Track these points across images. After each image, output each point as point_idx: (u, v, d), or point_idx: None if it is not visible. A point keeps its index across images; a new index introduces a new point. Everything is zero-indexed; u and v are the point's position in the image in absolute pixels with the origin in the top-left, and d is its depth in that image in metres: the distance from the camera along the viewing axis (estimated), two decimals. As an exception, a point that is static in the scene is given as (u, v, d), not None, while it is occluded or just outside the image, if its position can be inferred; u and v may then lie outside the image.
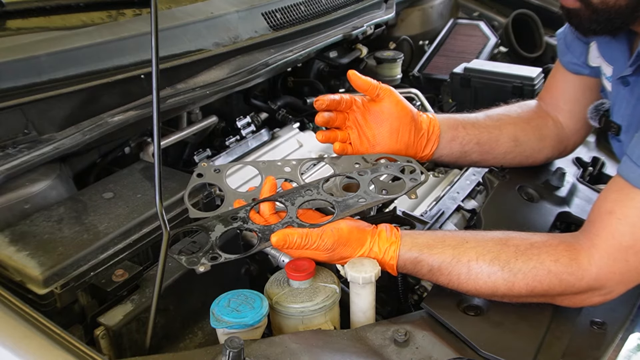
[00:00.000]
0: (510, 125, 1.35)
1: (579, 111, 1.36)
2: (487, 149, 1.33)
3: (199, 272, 0.92)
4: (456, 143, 1.30)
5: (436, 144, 1.28)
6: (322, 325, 0.98)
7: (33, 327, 0.78)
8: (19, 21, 1.21)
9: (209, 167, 1.19)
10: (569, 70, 1.35)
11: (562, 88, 1.38)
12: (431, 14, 2.43)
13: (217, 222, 1.02)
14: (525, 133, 1.35)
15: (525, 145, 1.36)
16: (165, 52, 1.32)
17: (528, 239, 1.01)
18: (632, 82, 1.11)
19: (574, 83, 1.36)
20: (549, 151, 1.40)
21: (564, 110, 1.38)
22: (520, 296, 0.99)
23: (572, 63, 1.34)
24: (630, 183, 0.95)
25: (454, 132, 1.29)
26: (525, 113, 1.39)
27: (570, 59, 1.34)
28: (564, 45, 1.35)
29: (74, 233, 1.01)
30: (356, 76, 1.20)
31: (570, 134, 1.40)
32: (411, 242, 1.02)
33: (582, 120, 1.36)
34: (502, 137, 1.33)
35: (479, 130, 1.31)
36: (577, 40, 1.30)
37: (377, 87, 1.20)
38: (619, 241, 0.95)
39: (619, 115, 1.19)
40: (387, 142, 1.22)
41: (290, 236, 0.98)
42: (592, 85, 1.34)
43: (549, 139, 1.38)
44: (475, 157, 1.33)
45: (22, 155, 1.05)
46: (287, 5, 1.67)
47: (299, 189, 1.10)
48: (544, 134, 1.37)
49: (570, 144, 1.42)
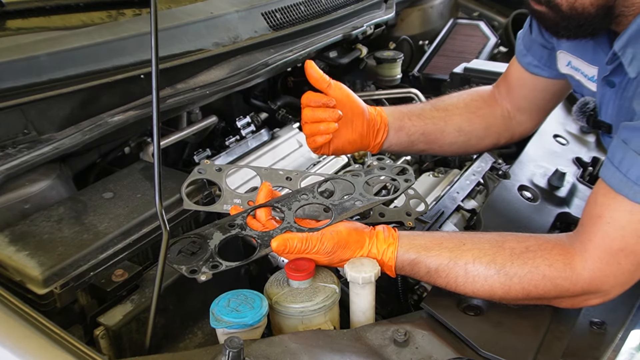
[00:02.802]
0: (456, 116, 1.40)
1: (529, 106, 1.43)
2: (432, 139, 1.38)
3: (201, 281, 0.92)
4: (403, 133, 1.36)
5: (385, 134, 1.34)
6: (322, 325, 0.98)
7: (33, 327, 0.78)
8: (19, 21, 1.21)
9: (211, 165, 1.20)
10: (529, 71, 1.38)
11: (518, 84, 1.43)
12: (431, 14, 2.43)
13: (215, 229, 1.02)
14: (471, 123, 1.41)
15: (470, 135, 1.41)
16: (165, 52, 1.32)
17: (524, 241, 1.01)
18: (617, 83, 1.11)
19: (530, 82, 1.40)
20: (494, 139, 1.45)
21: (516, 103, 1.44)
22: (517, 299, 0.99)
23: (532, 65, 1.37)
24: (613, 189, 0.95)
25: (400, 123, 1.35)
26: (474, 102, 1.44)
27: (530, 60, 1.37)
28: (522, 46, 1.39)
29: (74, 233, 1.01)
30: (312, 68, 1.24)
31: (518, 125, 1.46)
32: (409, 243, 1.02)
33: (532, 113, 1.44)
34: (448, 128, 1.39)
35: (424, 121, 1.37)
36: (537, 43, 1.34)
37: (329, 81, 1.25)
38: (609, 245, 0.95)
39: (607, 115, 1.18)
40: (343, 132, 1.27)
41: (290, 241, 0.98)
42: (548, 86, 1.39)
43: (495, 128, 1.44)
44: (422, 147, 1.40)
45: (22, 155, 1.05)
46: (287, 5, 1.67)
47: (294, 193, 1.11)
48: (490, 122, 1.43)
49: (517, 134, 1.48)
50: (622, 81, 1.09)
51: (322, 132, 1.23)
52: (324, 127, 1.22)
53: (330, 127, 1.22)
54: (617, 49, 1.04)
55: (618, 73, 1.09)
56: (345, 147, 1.29)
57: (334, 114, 1.23)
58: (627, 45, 1.02)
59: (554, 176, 1.41)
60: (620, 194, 0.94)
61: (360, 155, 1.74)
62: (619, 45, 1.03)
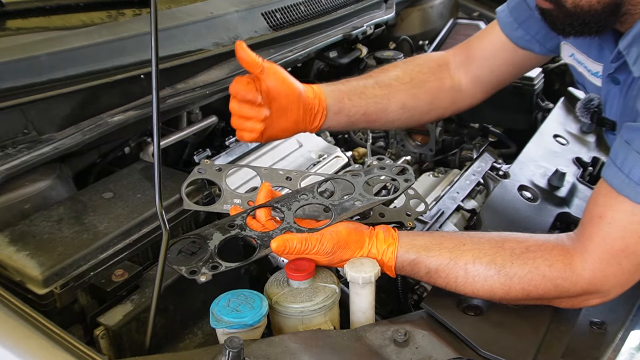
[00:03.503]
0: (400, 92, 1.35)
1: (490, 79, 1.40)
2: (374, 119, 1.34)
3: (200, 282, 0.92)
4: (342, 115, 1.30)
5: (323, 118, 1.27)
6: (321, 325, 0.98)
7: (33, 327, 0.78)
8: (19, 21, 1.21)
9: (211, 164, 1.20)
10: (518, 45, 1.35)
11: (488, 56, 1.39)
12: (431, 14, 2.43)
13: (215, 230, 1.02)
14: (416, 99, 1.37)
15: (414, 111, 1.37)
16: (165, 52, 1.32)
17: (524, 241, 1.01)
18: (622, 80, 1.11)
19: (507, 55, 1.37)
20: (440, 113, 1.44)
21: (475, 74, 1.41)
22: (517, 299, 0.99)
23: (524, 39, 1.35)
24: (614, 189, 0.95)
25: (340, 105, 1.29)
26: (420, 75, 1.39)
27: (521, 34, 1.34)
28: (512, 19, 1.35)
29: (74, 233, 1.01)
30: (242, 49, 1.13)
31: (468, 97, 1.43)
32: (409, 243, 1.02)
33: (487, 87, 1.42)
34: (390, 106, 1.34)
35: (365, 101, 1.31)
36: (536, 19, 1.26)
37: (261, 64, 1.15)
38: (610, 245, 0.95)
39: (611, 112, 1.18)
40: (276, 121, 1.19)
41: (290, 241, 0.98)
42: (525, 61, 1.37)
43: (441, 101, 1.41)
44: (363, 125, 1.36)
45: (22, 155, 1.05)
46: (287, 5, 1.67)
47: (294, 193, 1.10)
48: (436, 96, 1.39)
49: (464, 106, 1.46)
50: (626, 79, 1.09)
51: (247, 129, 1.17)
52: (249, 125, 1.16)
53: (256, 126, 1.16)
54: (622, 47, 1.04)
55: (622, 71, 1.09)
56: (278, 134, 1.23)
57: (259, 113, 1.15)
58: (632, 44, 1.02)
59: (554, 176, 1.41)
60: (622, 195, 0.94)
61: (360, 155, 1.74)
62: (624, 44, 1.03)
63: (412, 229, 1.17)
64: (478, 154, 1.56)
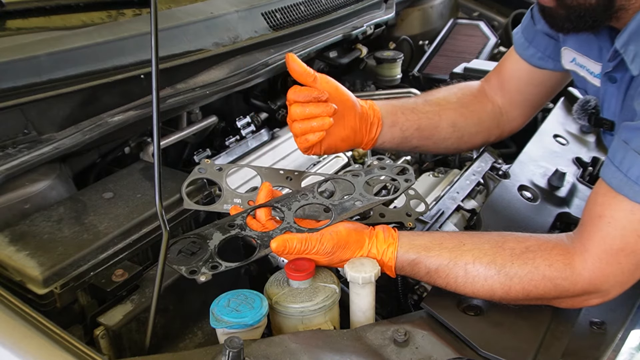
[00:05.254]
0: (449, 110, 1.37)
1: (523, 101, 1.41)
2: (427, 135, 1.34)
3: (200, 282, 0.92)
4: (397, 129, 1.30)
5: (380, 128, 1.27)
6: (321, 325, 0.98)
7: (33, 327, 0.78)
8: (19, 21, 1.21)
9: (212, 164, 1.20)
10: (532, 64, 1.37)
11: (513, 77, 1.41)
12: (431, 14, 2.43)
13: (215, 230, 1.02)
14: (464, 118, 1.38)
15: (463, 131, 1.38)
16: (165, 52, 1.32)
17: (524, 241, 1.01)
18: (619, 79, 1.11)
19: (528, 75, 1.38)
20: (486, 135, 1.43)
21: (509, 98, 1.42)
22: (517, 299, 0.99)
23: (536, 57, 1.36)
24: (613, 189, 0.95)
25: (394, 118, 1.30)
26: (465, 97, 1.41)
27: (532, 52, 1.36)
28: (523, 39, 1.37)
29: (74, 233, 1.01)
30: (294, 60, 1.14)
31: (508, 120, 1.44)
32: (409, 243, 1.02)
33: (525, 109, 1.42)
34: (442, 123, 1.35)
35: (417, 116, 1.32)
36: (541, 34, 1.32)
37: (313, 74, 1.15)
38: (610, 245, 0.95)
39: (609, 112, 1.18)
40: (334, 129, 1.17)
41: (290, 242, 0.98)
42: (546, 79, 1.38)
43: (486, 123, 1.41)
44: (415, 143, 1.34)
45: (22, 155, 1.05)
46: (287, 5, 1.67)
47: (294, 193, 1.10)
48: (481, 118, 1.40)
49: (507, 130, 1.46)
50: (624, 77, 1.09)
51: (315, 129, 1.14)
52: (317, 123, 1.13)
53: (325, 122, 1.13)
54: (619, 46, 1.04)
55: (620, 69, 1.09)
56: (337, 144, 1.21)
57: (328, 108, 1.13)
58: (629, 42, 1.02)
59: (554, 176, 1.41)
60: (621, 194, 0.94)
61: (360, 155, 1.74)
62: (621, 42, 1.04)
63: (412, 229, 1.17)
64: (478, 154, 1.56)
